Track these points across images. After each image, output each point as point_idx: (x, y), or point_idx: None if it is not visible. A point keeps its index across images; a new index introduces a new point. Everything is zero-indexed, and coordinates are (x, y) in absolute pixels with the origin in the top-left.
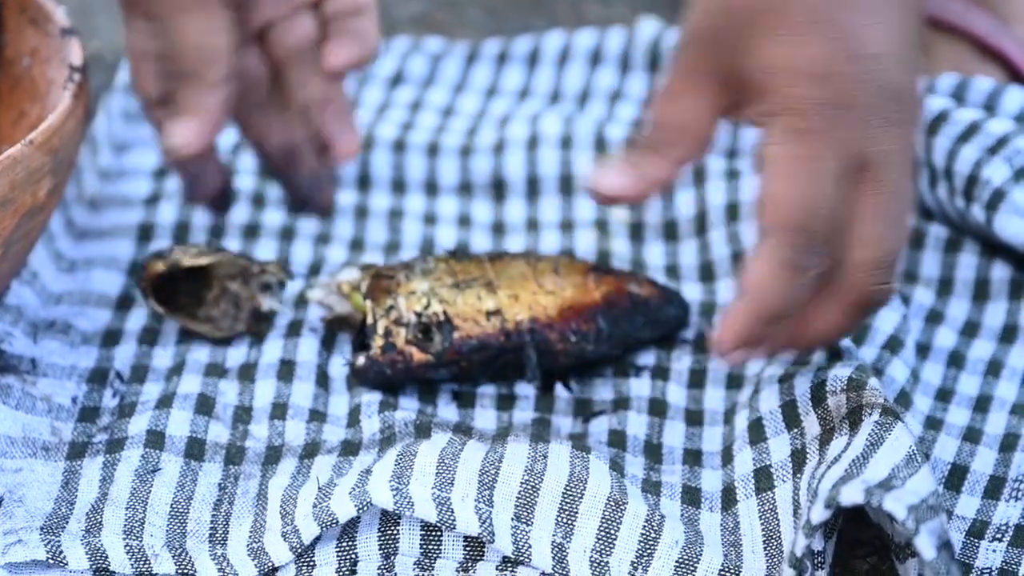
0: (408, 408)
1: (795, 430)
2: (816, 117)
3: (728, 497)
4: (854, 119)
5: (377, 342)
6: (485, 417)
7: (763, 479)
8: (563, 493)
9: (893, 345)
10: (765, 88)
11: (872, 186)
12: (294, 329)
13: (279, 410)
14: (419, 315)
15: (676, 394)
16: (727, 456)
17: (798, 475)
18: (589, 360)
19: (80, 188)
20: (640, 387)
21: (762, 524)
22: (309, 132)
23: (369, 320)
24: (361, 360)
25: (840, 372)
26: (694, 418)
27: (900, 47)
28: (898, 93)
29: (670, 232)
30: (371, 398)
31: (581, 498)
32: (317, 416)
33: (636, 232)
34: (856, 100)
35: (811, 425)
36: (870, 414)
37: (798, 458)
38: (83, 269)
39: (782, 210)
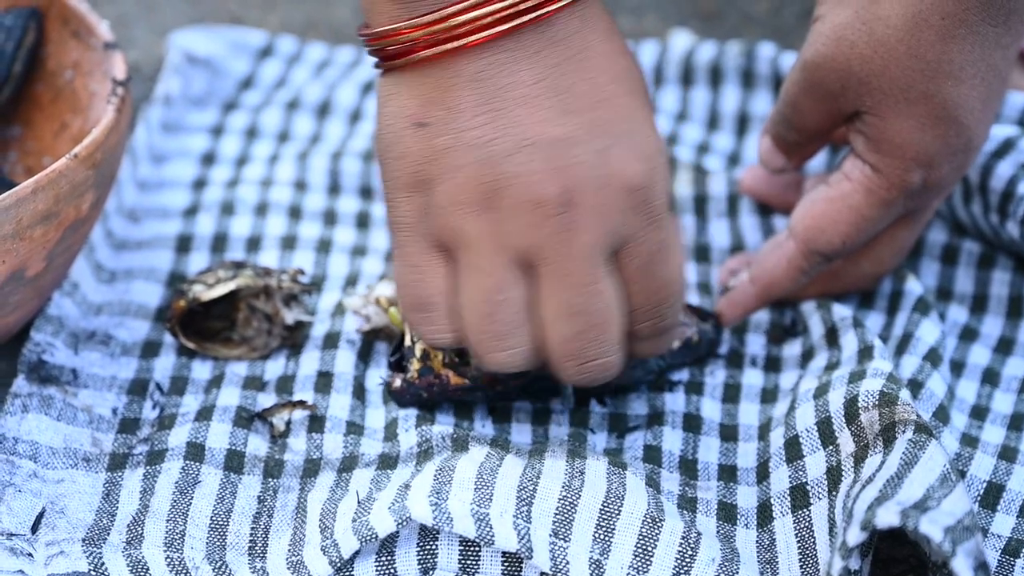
0: (445, 422)
1: (830, 447)
2: (904, 195)
3: (764, 514)
4: (933, 193)
5: (415, 365)
6: (521, 431)
7: (799, 497)
8: (600, 510)
9: (934, 358)
10: (878, 148)
11: (908, 226)
12: (331, 341)
13: (317, 423)
14: None
15: (710, 408)
16: (763, 472)
17: (834, 493)
18: (623, 384)
19: (120, 199)
20: (674, 402)
21: (798, 542)
22: None
23: (407, 342)
24: (398, 382)
25: (871, 386)
26: (728, 433)
27: (993, 121)
28: (973, 164)
29: (702, 254)
30: (408, 412)
31: (618, 515)
32: (355, 429)
33: None
34: (945, 182)
35: (846, 442)
36: (903, 431)
37: (833, 475)
38: (123, 280)
39: (823, 242)
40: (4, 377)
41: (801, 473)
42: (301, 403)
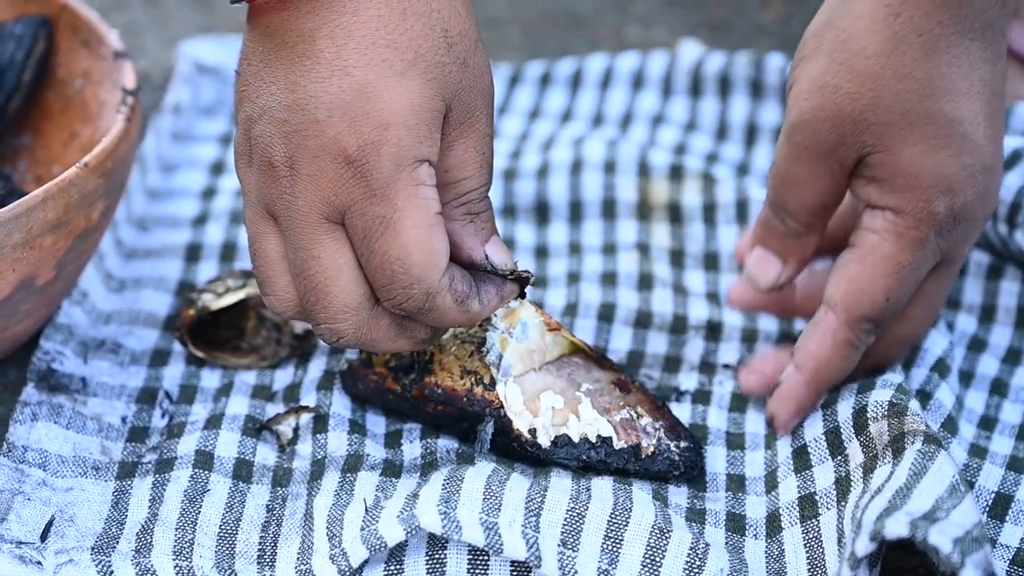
0: (450, 438)
1: (839, 457)
2: (933, 230)
3: (773, 524)
4: (964, 229)
5: (362, 355)
6: None
7: (808, 507)
8: (608, 521)
9: (942, 369)
10: (893, 187)
11: (939, 279)
12: (338, 348)
13: (321, 423)
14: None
15: (717, 418)
16: (771, 482)
17: (842, 503)
18: (540, 458)
19: (129, 208)
20: (681, 413)
21: (807, 553)
22: None
23: None
24: (344, 364)
25: (880, 396)
26: (735, 442)
27: (1002, 147)
28: (996, 193)
29: (710, 263)
30: (412, 424)
31: (626, 526)
32: (357, 428)
33: (677, 258)
34: (972, 211)
35: (855, 452)
36: (912, 442)
37: (842, 486)
38: (132, 289)
39: (866, 303)
40: (14, 385)
41: (810, 483)
42: (305, 408)
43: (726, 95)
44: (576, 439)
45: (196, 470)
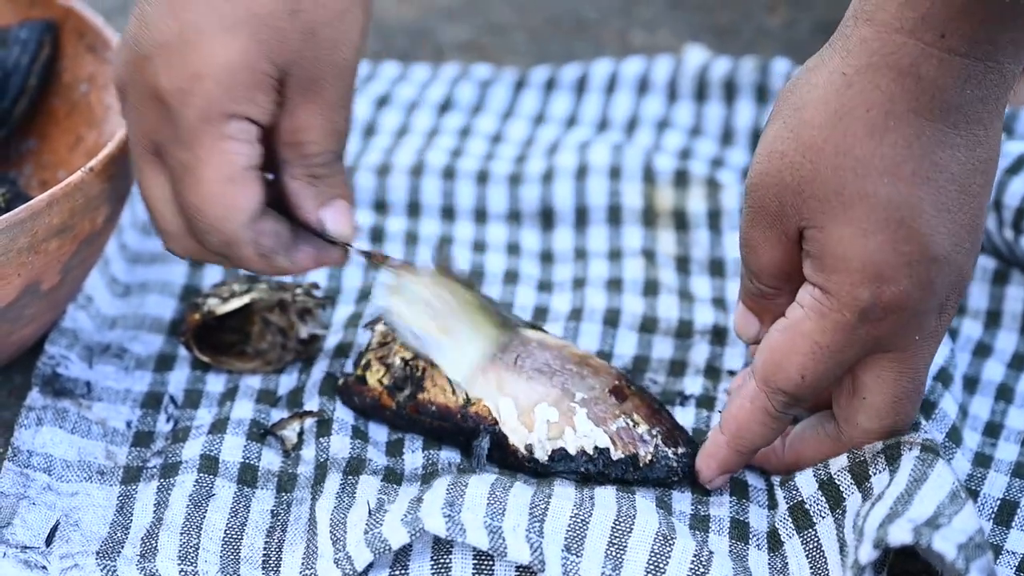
0: (452, 449)
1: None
2: (859, 318)
3: (774, 538)
4: (899, 318)
5: (357, 372)
6: None
7: (800, 516)
8: (612, 528)
9: (944, 378)
10: (822, 265)
11: (880, 368)
12: (342, 351)
13: (324, 427)
14: (405, 363)
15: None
16: (771, 497)
17: (838, 511)
18: (539, 471)
19: (134, 213)
20: (685, 417)
21: (809, 563)
22: None
23: (364, 348)
24: (341, 380)
25: None
26: None
27: (965, 241)
28: (951, 287)
29: (716, 269)
30: (414, 435)
31: (630, 532)
32: (360, 434)
33: (683, 264)
34: (908, 303)
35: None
36: (910, 450)
37: (828, 489)
38: (137, 294)
39: (781, 377)
40: (19, 390)
41: (795, 492)
42: (309, 412)
43: (731, 100)
44: (573, 452)
45: (201, 475)
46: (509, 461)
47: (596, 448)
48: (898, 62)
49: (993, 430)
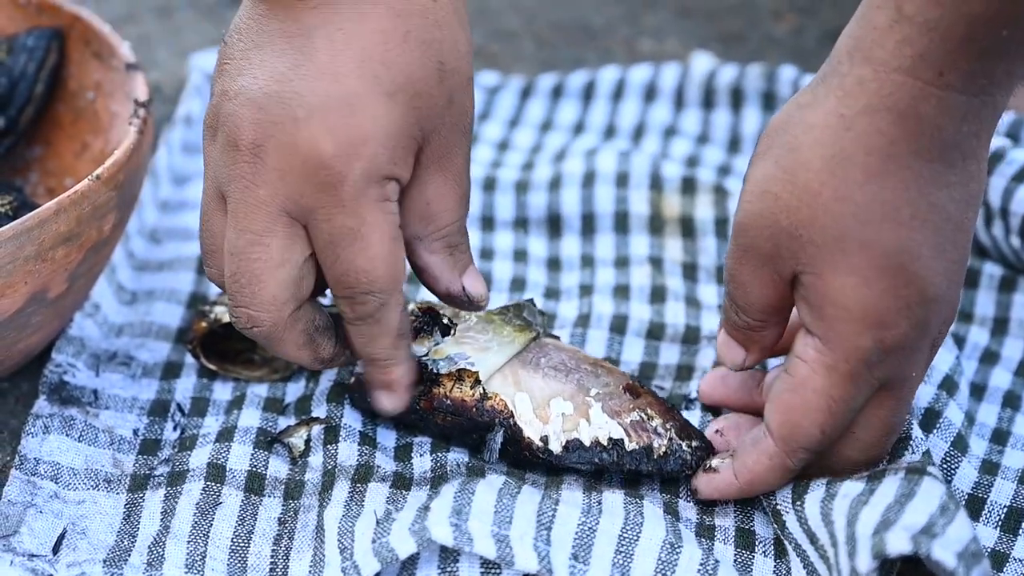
0: (460, 450)
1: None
2: (864, 366)
3: (780, 545)
4: (899, 358)
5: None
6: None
7: (776, 517)
8: (619, 536)
9: (949, 386)
10: (822, 315)
11: (887, 403)
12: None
13: (332, 434)
14: (418, 358)
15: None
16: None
17: (798, 503)
18: (553, 464)
19: (141, 220)
20: (690, 419)
21: (803, 565)
22: None
23: None
24: (352, 379)
25: None
26: None
27: (956, 276)
28: (944, 322)
29: (723, 276)
30: (423, 438)
31: (637, 540)
32: (368, 441)
33: (690, 272)
34: (907, 343)
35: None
36: (895, 473)
37: (796, 488)
38: (144, 301)
39: (801, 436)
40: (26, 398)
41: (771, 498)
42: (316, 419)
43: (738, 107)
44: (587, 443)
45: (208, 483)
46: (523, 456)
47: (611, 439)
48: (897, 103)
49: (1000, 437)
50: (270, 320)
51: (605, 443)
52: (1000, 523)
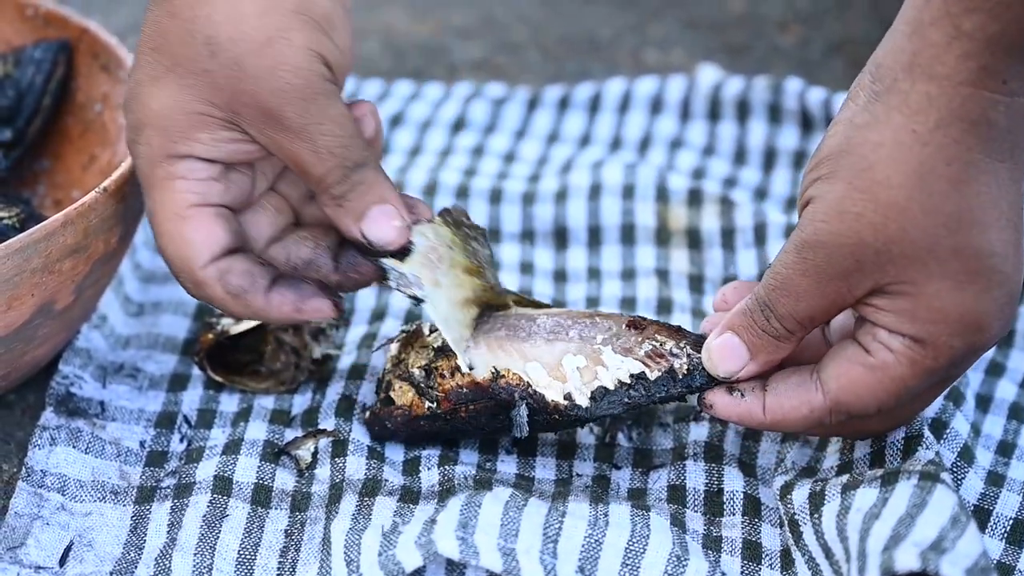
0: (468, 462)
1: (815, 477)
2: (950, 363)
3: (787, 556)
4: (975, 359)
5: (381, 396)
6: (546, 466)
7: (793, 528)
8: (626, 549)
9: (955, 397)
10: (915, 317)
11: (938, 389)
12: (356, 372)
13: (340, 447)
14: (423, 368)
15: (733, 443)
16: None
17: (816, 515)
18: (583, 418)
19: (147, 232)
20: (699, 433)
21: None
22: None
23: (381, 374)
24: (368, 413)
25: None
26: (749, 470)
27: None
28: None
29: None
30: (430, 451)
31: (643, 553)
32: (376, 455)
33: (696, 283)
34: (991, 344)
35: (829, 466)
36: (908, 478)
37: (814, 500)
38: (151, 313)
39: (857, 406)
40: (33, 410)
41: (790, 506)
42: (323, 432)
43: (744, 119)
44: (612, 387)
45: (215, 495)
46: (554, 420)
47: (632, 375)
48: (968, 113)
49: (1006, 449)
50: (191, 289)
51: (628, 381)
52: (1006, 535)
